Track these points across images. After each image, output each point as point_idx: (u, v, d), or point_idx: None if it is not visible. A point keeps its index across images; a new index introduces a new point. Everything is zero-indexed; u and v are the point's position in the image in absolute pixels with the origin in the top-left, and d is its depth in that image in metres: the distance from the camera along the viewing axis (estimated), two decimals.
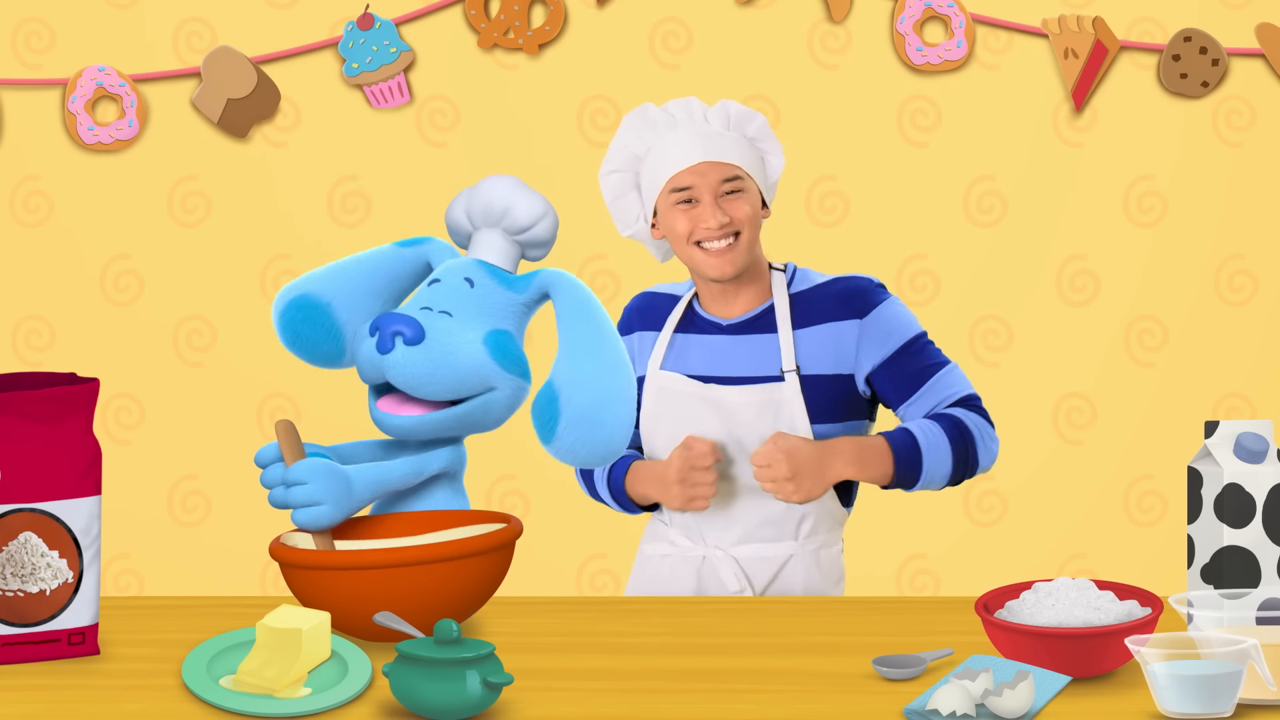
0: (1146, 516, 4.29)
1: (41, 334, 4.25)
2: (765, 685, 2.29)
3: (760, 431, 2.90)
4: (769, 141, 2.98)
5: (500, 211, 2.67)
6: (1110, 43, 4.16)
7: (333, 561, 2.41)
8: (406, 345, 2.54)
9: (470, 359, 2.57)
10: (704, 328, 2.98)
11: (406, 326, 2.54)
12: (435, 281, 2.63)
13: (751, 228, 2.91)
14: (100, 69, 4.15)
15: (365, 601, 2.41)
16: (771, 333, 2.94)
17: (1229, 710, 2.12)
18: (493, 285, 2.64)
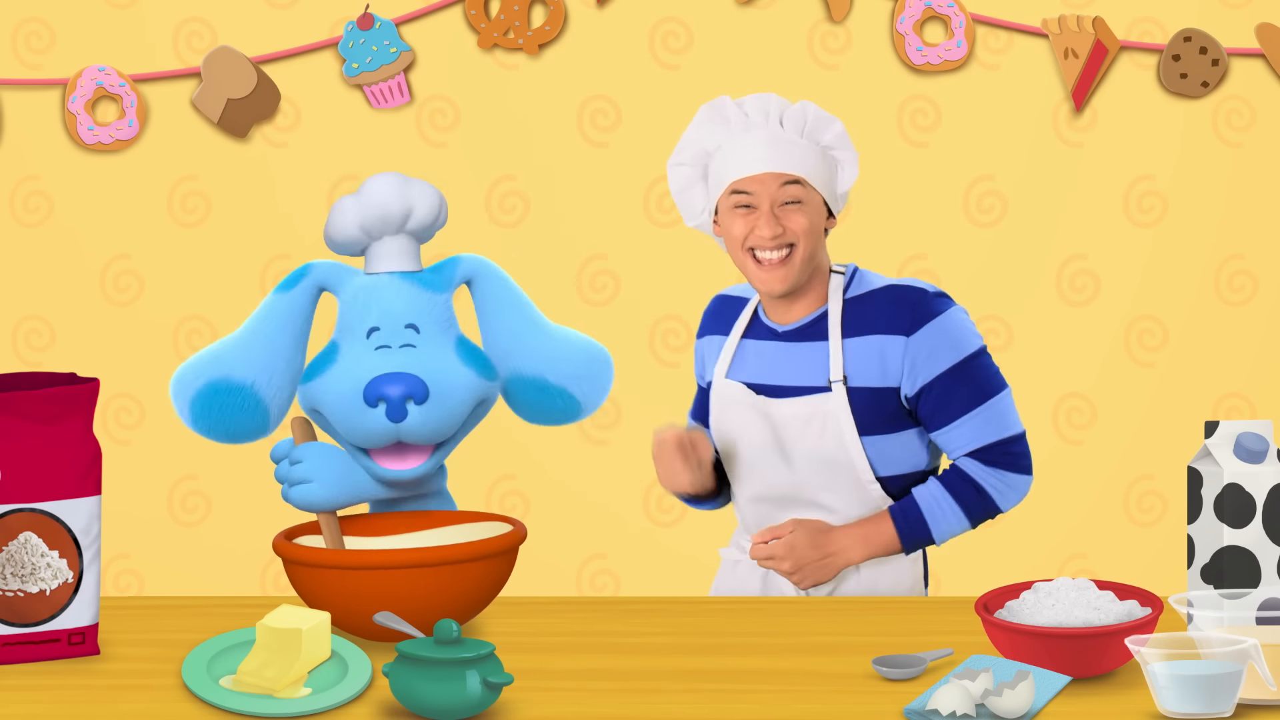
0: (1146, 516, 4.28)
1: (41, 334, 4.25)
2: (765, 685, 2.29)
3: (809, 442, 2.84)
4: (844, 150, 2.90)
5: (402, 217, 2.62)
6: (1110, 43, 4.16)
7: (336, 560, 2.41)
8: (418, 405, 2.54)
9: (465, 389, 2.59)
10: (762, 333, 2.93)
11: (412, 388, 2.53)
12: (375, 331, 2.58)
13: (809, 240, 2.83)
14: (100, 69, 4.15)
15: (367, 601, 2.41)
16: (823, 340, 2.87)
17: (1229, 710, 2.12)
18: (429, 297, 2.61)
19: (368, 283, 2.63)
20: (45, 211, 4.23)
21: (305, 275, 2.64)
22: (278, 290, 2.64)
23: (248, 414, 2.62)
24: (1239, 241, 4.24)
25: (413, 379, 2.53)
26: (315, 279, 2.64)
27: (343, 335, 2.62)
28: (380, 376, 2.54)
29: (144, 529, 4.24)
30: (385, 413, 2.54)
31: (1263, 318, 4.24)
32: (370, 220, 2.61)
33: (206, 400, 2.60)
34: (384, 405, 2.54)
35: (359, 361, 2.57)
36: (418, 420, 2.55)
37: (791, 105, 2.91)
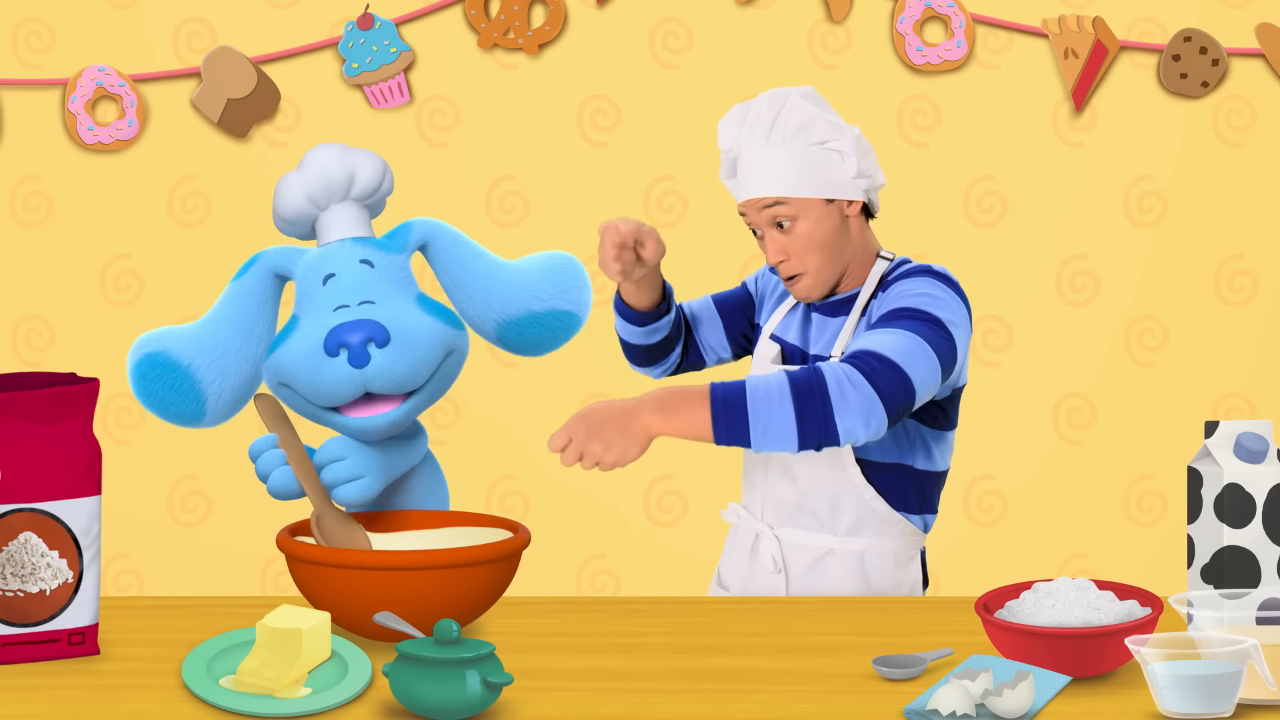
0: (1146, 516, 4.29)
1: (41, 334, 4.25)
2: (765, 685, 2.29)
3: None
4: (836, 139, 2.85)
5: (346, 183, 2.61)
6: (1110, 43, 4.16)
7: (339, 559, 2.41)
8: (380, 349, 2.51)
9: (429, 335, 2.56)
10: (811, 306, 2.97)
11: (372, 332, 2.50)
12: (331, 277, 2.57)
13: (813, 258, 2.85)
14: (100, 69, 4.15)
15: (368, 600, 2.41)
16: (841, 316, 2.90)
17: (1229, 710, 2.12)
18: (384, 256, 2.59)
19: (320, 250, 2.61)
20: (45, 211, 4.23)
21: (255, 261, 2.63)
22: (232, 280, 2.63)
23: (181, 394, 2.60)
24: (1239, 241, 4.24)
25: (372, 323, 2.50)
26: (265, 264, 2.63)
27: (301, 305, 2.59)
28: (339, 325, 2.51)
29: (144, 529, 4.24)
30: (347, 359, 2.50)
31: (1263, 318, 4.24)
32: (315, 189, 2.60)
33: (145, 370, 2.60)
34: (345, 352, 2.50)
35: (318, 322, 2.55)
36: (382, 364, 2.51)
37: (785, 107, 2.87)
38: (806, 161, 2.85)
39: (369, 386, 2.53)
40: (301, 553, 2.44)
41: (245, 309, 2.61)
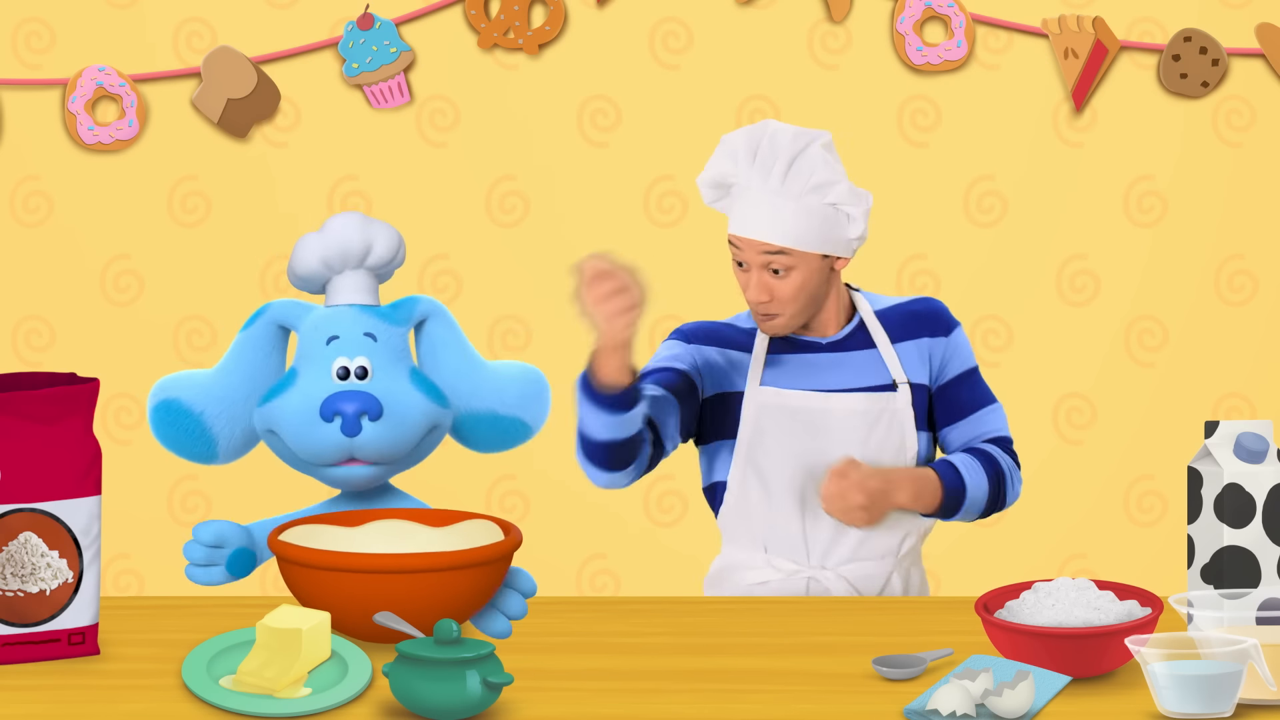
0: (1146, 516, 4.28)
1: (41, 334, 4.25)
2: (765, 685, 2.29)
3: (874, 441, 2.91)
4: (852, 205, 2.87)
5: (362, 252, 2.74)
6: (1110, 43, 4.16)
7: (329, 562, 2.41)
8: (371, 422, 2.63)
9: (419, 412, 2.69)
10: (802, 347, 2.95)
11: (366, 405, 2.63)
12: (335, 339, 2.69)
13: (795, 303, 2.88)
14: (100, 69, 4.15)
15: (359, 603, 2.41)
16: (868, 348, 2.95)
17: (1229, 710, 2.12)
18: (387, 328, 2.72)
19: (327, 311, 2.74)
20: (45, 211, 4.23)
21: (263, 313, 2.75)
22: (242, 329, 2.76)
23: (193, 439, 2.72)
24: (1239, 241, 4.24)
25: (368, 396, 2.63)
26: (272, 316, 2.75)
27: (301, 360, 2.71)
28: (337, 393, 2.63)
29: (144, 529, 4.24)
30: (340, 427, 2.62)
31: (1263, 318, 4.24)
32: (331, 254, 2.73)
33: (160, 415, 2.72)
34: (339, 420, 2.62)
35: (316, 382, 2.67)
36: (371, 436, 2.64)
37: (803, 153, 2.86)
38: (817, 218, 2.86)
39: (355, 454, 2.66)
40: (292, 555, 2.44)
41: (253, 358, 2.73)
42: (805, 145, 2.86)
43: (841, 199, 2.86)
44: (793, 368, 2.94)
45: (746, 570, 2.96)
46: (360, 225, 2.73)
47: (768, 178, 2.85)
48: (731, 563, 2.99)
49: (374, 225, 2.75)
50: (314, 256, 2.72)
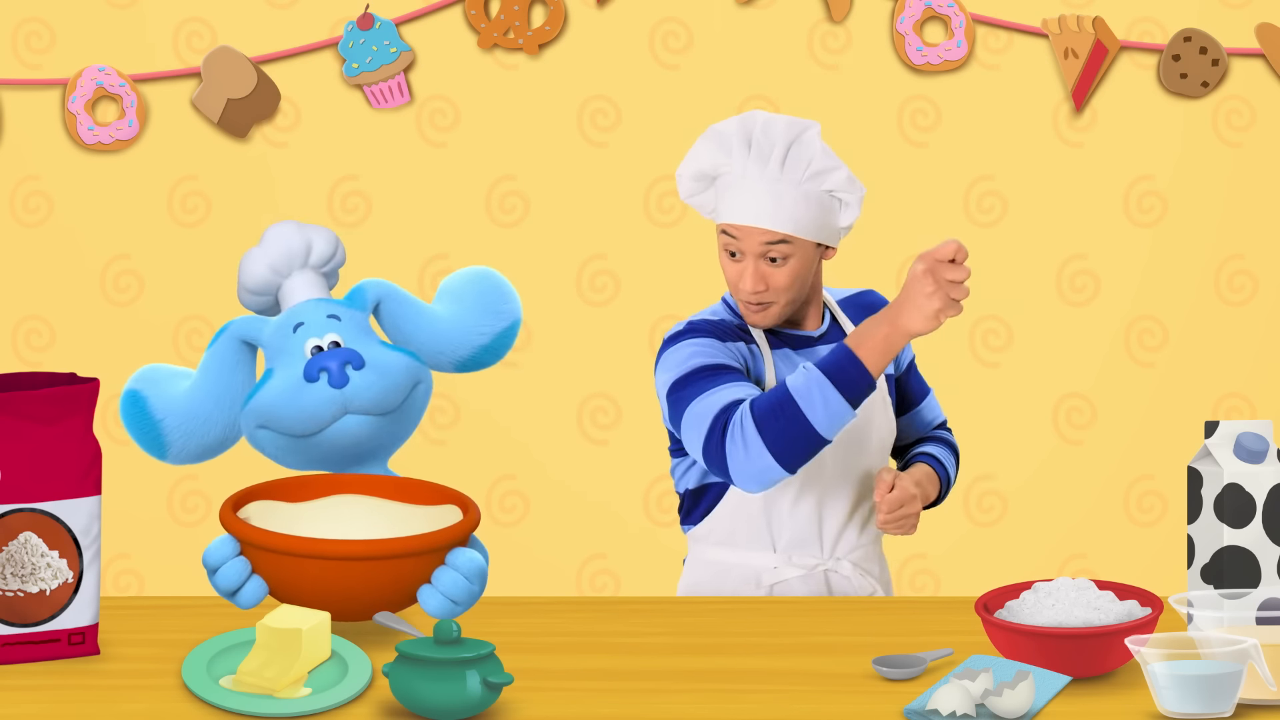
0: (1146, 516, 4.29)
1: (41, 334, 4.25)
2: (765, 685, 2.29)
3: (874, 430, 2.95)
4: (848, 192, 2.86)
5: (304, 251, 2.78)
6: (1110, 43, 4.16)
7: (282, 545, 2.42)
8: (356, 371, 2.65)
9: (400, 363, 2.71)
10: (796, 343, 2.95)
11: (348, 356, 2.65)
12: (300, 325, 2.71)
13: (789, 292, 2.86)
14: (100, 69, 4.15)
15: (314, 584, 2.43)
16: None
17: (1229, 710, 2.12)
18: (348, 311, 2.75)
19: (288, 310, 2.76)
20: (45, 211, 4.23)
21: (225, 330, 2.77)
22: (208, 346, 2.78)
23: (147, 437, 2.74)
24: (1239, 241, 4.24)
25: (348, 349, 2.66)
26: (234, 331, 2.76)
27: (273, 358, 2.72)
28: (316, 355, 2.66)
29: (144, 529, 4.24)
30: (328, 381, 2.63)
31: (1263, 318, 4.24)
32: (275, 258, 2.77)
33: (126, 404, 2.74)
34: (325, 375, 2.63)
35: (293, 365, 2.68)
36: (360, 385, 2.65)
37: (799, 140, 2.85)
38: (815, 205, 2.84)
39: (348, 407, 2.65)
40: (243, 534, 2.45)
41: (218, 376, 2.75)
42: (800, 132, 2.85)
43: (839, 186, 2.85)
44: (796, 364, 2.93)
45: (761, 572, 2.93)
46: (296, 227, 2.79)
47: (766, 164, 2.83)
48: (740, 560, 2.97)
49: (309, 228, 2.80)
50: (260, 265, 2.77)
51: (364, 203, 4.24)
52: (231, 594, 2.47)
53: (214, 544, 2.48)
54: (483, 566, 2.49)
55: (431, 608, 2.46)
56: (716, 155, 2.87)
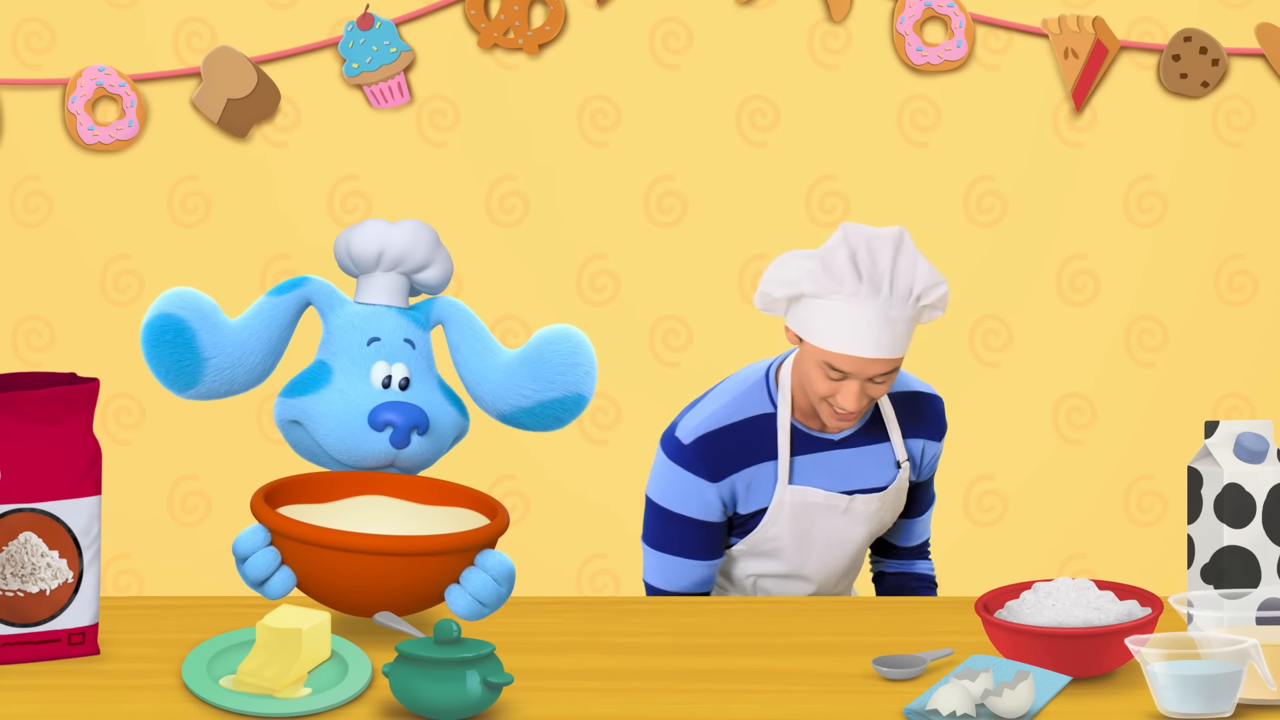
0: (1146, 516, 4.28)
1: (41, 334, 4.25)
2: (765, 685, 2.29)
3: (882, 519, 3.01)
4: (939, 309, 2.85)
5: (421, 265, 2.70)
6: (1110, 43, 4.16)
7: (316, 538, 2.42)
8: (419, 436, 2.63)
9: (452, 426, 2.71)
10: (815, 446, 2.93)
11: (418, 419, 2.60)
12: (376, 340, 2.66)
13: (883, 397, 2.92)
14: (100, 69, 4.15)
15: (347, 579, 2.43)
16: (881, 441, 2.97)
17: (1229, 710, 2.12)
18: (421, 335, 2.70)
19: (366, 310, 2.70)
20: (45, 211, 4.23)
21: (299, 285, 2.69)
22: (270, 293, 2.70)
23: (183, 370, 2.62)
24: (1239, 241, 4.24)
25: (418, 410, 2.61)
26: (306, 292, 2.70)
27: (336, 357, 2.67)
28: (387, 404, 2.60)
29: (144, 529, 4.24)
30: (390, 438, 2.60)
31: (1263, 318, 4.24)
32: (395, 250, 2.69)
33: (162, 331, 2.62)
34: (390, 431, 2.60)
35: (356, 385, 2.64)
36: (415, 449, 2.64)
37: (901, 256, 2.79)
38: (916, 322, 2.84)
39: (396, 463, 2.65)
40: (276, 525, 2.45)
41: (274, 328, 2.68)
42: (899, 246, 2.79)
43: (937, 302, 2.82)
44: (811, 469, 2.95)
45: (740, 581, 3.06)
46: (432, 242, 2.71)
47: (878, 294, 2.77)
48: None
49: (443, 249, 2.73)
50: (375, 244, 2.68)
51: (364, 203, 4.24)
52: (260, 584, 2.46)
53: (244, 533, 2.48)
54: (511, 569, 2.51)
55: (460, 609, 2.48)
56: (822, 280, 2.78)
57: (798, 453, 2.93)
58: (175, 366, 2.62)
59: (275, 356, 2.69)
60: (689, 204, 4.23)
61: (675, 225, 4.23)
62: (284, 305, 2.68)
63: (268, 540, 2.48)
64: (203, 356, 2.63)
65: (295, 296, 2.69)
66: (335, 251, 2.73)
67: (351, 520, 2.60)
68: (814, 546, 2.97)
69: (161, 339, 2.61)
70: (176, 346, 2.62)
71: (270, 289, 2.71)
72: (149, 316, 2.61)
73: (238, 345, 2.65)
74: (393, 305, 2.71)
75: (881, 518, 3.01)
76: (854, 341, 2.77)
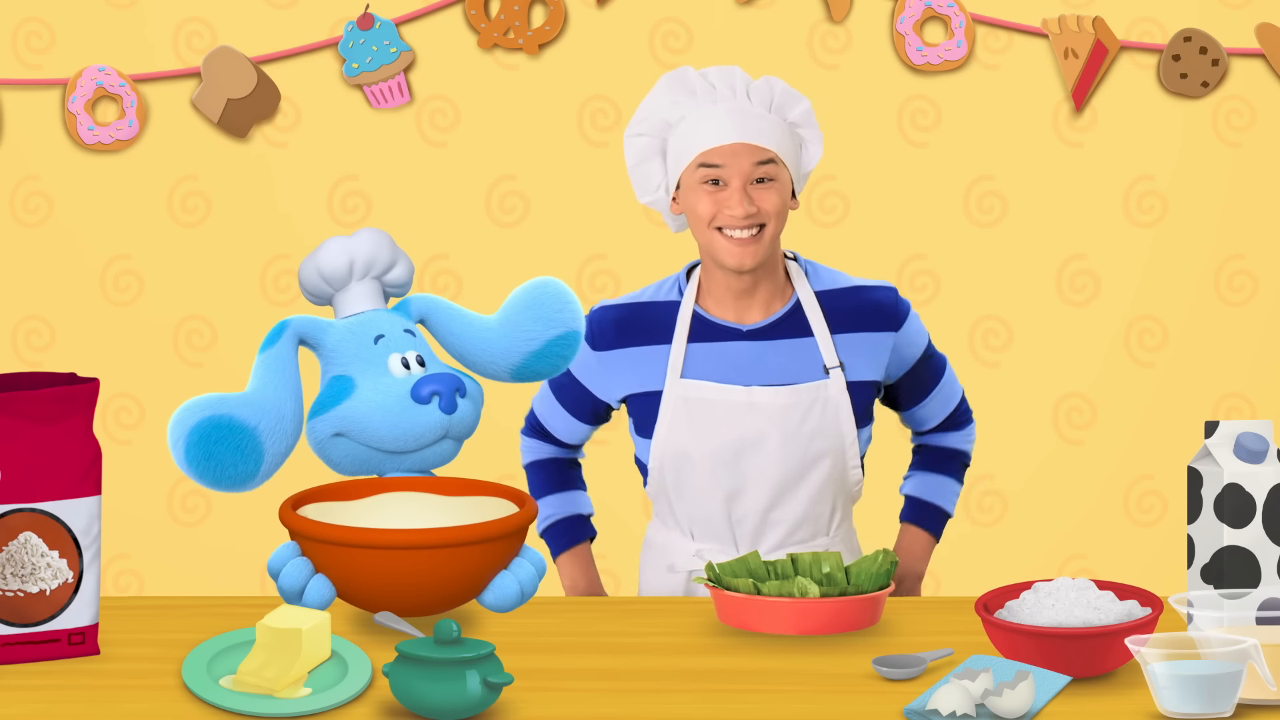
0: (1146, 516, 4.28)
1: (41, 334, 4.25)
2: (765, 685, 2.29)
3: (806, 430, 2.86)
4: (810, 128, 2.86)
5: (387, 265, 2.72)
6: (1110, 43, 4.16)
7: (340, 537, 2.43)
8: (463, 399, 2.64)
9: (478, 388, 2.71)
10: (718, 334, 2.88)
11: (458, 382, 2.63)
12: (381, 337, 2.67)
13: (778, 220, 2.82)
14: (100, 69, 4.15)
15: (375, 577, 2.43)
16: (802, 336, 2.88)
17: (1229, 710, 2.12)
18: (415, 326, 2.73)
19: (356, 318, 2.71)
20: (45, 211, 4.23)
21: (284, 328, 2.68)
22: (262, 350, 2.66)
23: (244, 457, 2.57)
24: (1239, 241, 4.23)
25: (454, 373, 2.65)
26: (294, 331, 2.68)
27: (349, 365, 2.67)
28: (428, 376, 2.62)
29: (144, 529, 4.24)
30: (439, 405, 2.61)
31: (1263, 318, 4.24)
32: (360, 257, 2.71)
33: (206, 434, 2.54)
34: (437, 400, 2.61)
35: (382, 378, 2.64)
36: (464, 413, 2.65)
37: (756, 80, 2.87)
38: (786, 136, 2.84)
39: (450, 432, 2.65)
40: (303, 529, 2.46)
41: (288, 374, 2.65)
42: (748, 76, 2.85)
43: (802, 120, 2.84)
44: (709, 360, 2.87)
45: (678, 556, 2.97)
46: (391, 243, 2.74)
47: (734, 96, 2.81)
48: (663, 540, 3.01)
49: (401, 250, 2.75)
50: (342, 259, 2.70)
51: (364, 203, 4.24)
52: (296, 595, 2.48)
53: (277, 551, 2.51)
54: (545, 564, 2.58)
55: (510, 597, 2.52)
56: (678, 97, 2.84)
57: (696, 339, 2.87)
58: (237, 457, 2.56)
59: (301, 402, 2.65)
60: None
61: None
62: (281, 351, 2.65)
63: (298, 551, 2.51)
64: (253, 431, 2.57)
65: (286, 339, 2.67)
66: (303, 282, 2.73)
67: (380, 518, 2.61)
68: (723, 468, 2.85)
69: (211, 441, 2.54)
70: (227, 439, 2.56)
71: (260, 348, 2.67)
72: (185, 438, 2.53)
73: (272, 404, 2.60)
74: (378, 308, 2.72)
75: (808, 428, 2.85)
76: (723, 132, 2.79)
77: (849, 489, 2.95)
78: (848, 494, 2.95)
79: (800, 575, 2.56)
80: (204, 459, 2.52)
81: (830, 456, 2.89)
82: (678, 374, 2.88)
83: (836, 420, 2.88)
